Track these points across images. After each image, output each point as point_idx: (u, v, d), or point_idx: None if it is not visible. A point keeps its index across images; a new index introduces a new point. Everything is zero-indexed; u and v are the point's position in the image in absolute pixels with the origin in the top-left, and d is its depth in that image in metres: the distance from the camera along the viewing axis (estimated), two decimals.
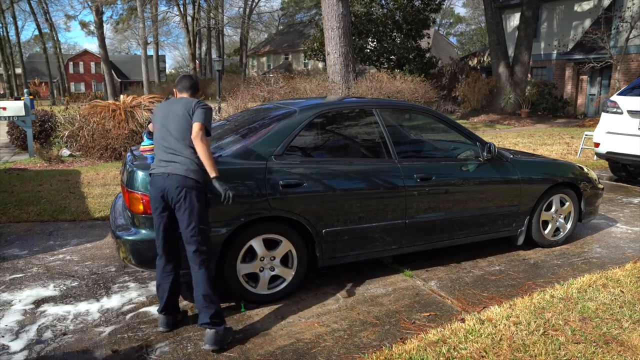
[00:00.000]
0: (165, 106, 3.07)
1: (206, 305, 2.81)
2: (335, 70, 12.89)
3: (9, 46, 42.80)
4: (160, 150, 2.93)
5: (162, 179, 2.85)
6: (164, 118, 2.97)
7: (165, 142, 2.92)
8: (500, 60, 19.65)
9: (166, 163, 2.87)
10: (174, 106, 2.99)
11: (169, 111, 2.98)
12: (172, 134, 2.90)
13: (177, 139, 2.89)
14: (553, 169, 4.61)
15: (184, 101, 2.99)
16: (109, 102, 10.46)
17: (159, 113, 3.06)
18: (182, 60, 66.65)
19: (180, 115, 2.92)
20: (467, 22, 63.38)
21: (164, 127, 2.94)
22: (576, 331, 2.96)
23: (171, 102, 3.06)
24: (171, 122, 2.93)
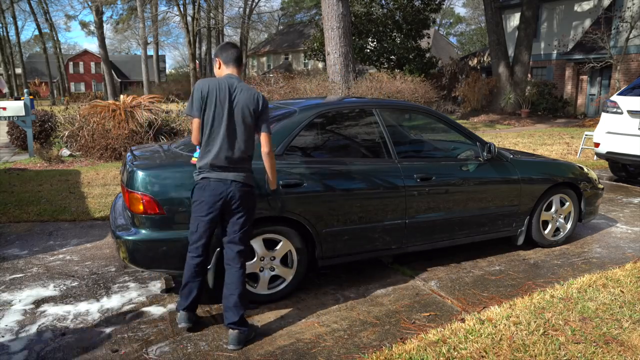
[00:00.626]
0: (222, 89, 2.78)
1: (238, 305, 2.82)
2: (335, 70, 12.89)
3: (9, 46, 42.81)
4: (218, 148, 2.76)
5: (223, 185, 2.77)
6: (224, 108, 2.75)
7: (227, 140, 2.76)
8: (500, 60, 19.65)
9: (227, 169, 2.78)
10: (235, 93, 2.78)
11: (230, 101, 2.76)
12: (238, 136, 2.78)
13: (240, 146, 2.79)
14: (553, 169, 4.61)
15: (246, 90, 2.80)
16: (109, 102, 10.46)
17: (213, 98, 2.77)
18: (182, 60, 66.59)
19: (246, 112, 2.78)
20: (467, 22, 63.40)
21: (224, 121, 2.75)
22: (576, 331, 2.96)
23: (227, 83, 2.79)
24: (237, 118, 2.77)
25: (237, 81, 2.86)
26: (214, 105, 2.77)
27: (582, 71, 19.57)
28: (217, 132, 2.78)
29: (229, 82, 2.82)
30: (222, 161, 2.78)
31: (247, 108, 2.80)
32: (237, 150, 2.80)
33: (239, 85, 2.83)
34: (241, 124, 2.80)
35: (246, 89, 2.83)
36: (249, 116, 2.80)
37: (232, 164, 2.80)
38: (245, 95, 2.80)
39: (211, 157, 2.79)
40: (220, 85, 2.80)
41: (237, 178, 2.79)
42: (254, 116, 2.82)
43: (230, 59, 2.89)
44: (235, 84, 2.83)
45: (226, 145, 2.78)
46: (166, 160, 3.51)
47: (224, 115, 2.77)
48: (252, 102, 2.80)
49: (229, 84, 2.81)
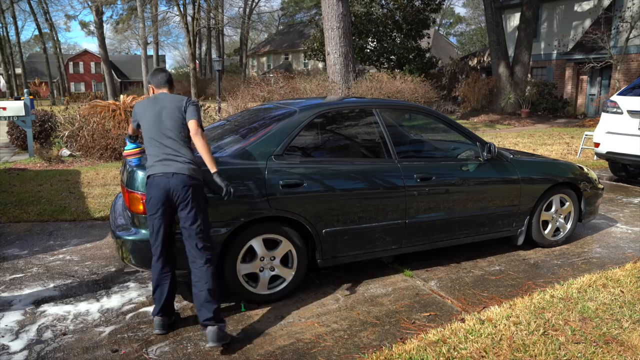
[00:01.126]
0: (151, 104, 2.98)
1: (210, 300, 2.80)
2: (335, 70, 12.90)
3: (9, 46, 42.77)
4: (157, 150, 2.89)
5: (165, 179, 2.81)
6: (154, 117, 2.92)
7: (162, 141, 2.88)
8: (500, 60, 19.65)
9: (167, 162, 2.84)
10: (161, 103, 2.94)
11: (158, 109, 2.93)
12: (168, 133, 2.88)
13: (174, 139, 2.88)
14: (553, 169, 4.61)
15: (171, 98, 2.96)
16: (109, 102, 10.47)
17: (146, 112, 2.98)
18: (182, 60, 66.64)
19: (174, 114, 2.90)
20: (467, 22, 63.40)
21: (156, 127, 2.90)
22: (576, 331, 2.96)
23: (155, 99, 2.99)
24: (165, 121, 2.89)
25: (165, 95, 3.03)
26: (146, 116, 2.96)
27: (582, 71, 19.57)
28: (151, 133, 2.92)
29: (157, 97, 3.02)
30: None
31: (174, 108, 2.92)
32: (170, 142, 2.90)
33: (165, 96, 3.01)
34: (170, 120, 2.90)
35: (172, 96, 3.00)
36: (177, 112, 2.91)
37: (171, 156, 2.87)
38: (170, 99, 2.97)
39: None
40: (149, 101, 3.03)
41: (179, 170, 2.82)
42: (181, 112, 2.92)
43: (161, 82, 3.06)
44: (160, 96, 3.01)
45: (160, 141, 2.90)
46: None
47: (153, 119, 2.94)
48: (177, 101, 2.94)
49: (155, 98, 3.02)
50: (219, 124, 4.41)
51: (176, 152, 2.86)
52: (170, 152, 2.86)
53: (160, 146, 2.89)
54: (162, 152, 2.87)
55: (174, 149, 2.87)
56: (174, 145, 2.87)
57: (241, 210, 3.19)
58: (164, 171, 2.83)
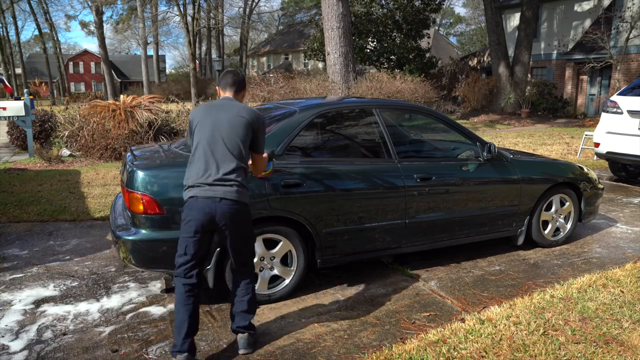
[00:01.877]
0: (213, 111, 2.71)
1: (248, 311, 2.80)
2: (335, 70, 12.90)
3: (9, 46, 42.79)
4: (211, 165, 2.61)
5: (211, 203, 2.56)
6: (215, 125, 2.64)
7: (219, 157, 2.61)
8: (500, 60, 19.65)
9: (215, 186, 2.58)
10: (225, 113, 2.67)
11: (220, 119, 2.65)
12: (229, 149, 2.61)
13: (232, 158, 2.61)
14: (553, 169, 4.61)
15: (238, 109, 2.69)
16: (109, 102, 10.46)
17: (206, 119, 2.68)
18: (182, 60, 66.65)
19: (238, 128, 2.63)
20: (467, 22, 63.40)
21: (214, 139, 2.62)
22: (576, 331, 2.96)
23: (219, 105, 2.72)
24: (226, 133, 2.62)
25: (229, 100, 2.78)
26: (203, 126, 2.70)
27: (582, 71, 19.57)
28: (203, 144, 2.66)
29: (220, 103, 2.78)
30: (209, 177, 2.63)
31: (237, 121, 2.66)
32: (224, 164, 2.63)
33: (230, 103, 2.76)
34: (230, 137, 2.64)
35: (238, 106, 2.75)
36: (242, 128, 2.66)
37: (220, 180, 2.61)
38: (236, 109, 2.71)
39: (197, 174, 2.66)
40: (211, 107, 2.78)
41: (227, 195, 2.59)
42: (248, 129, 2.67)
43: (227, 84, 2.83)
44: (225, 103, 2.76)
45: (213, 160, 2.63)
46: (166, 160, 3.51)
47: (208, 131, 2.67)
48: (243, 114, 2.68)
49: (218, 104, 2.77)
50: None
51: (231, 173, 2.60)
52: (225, 171, 2.60)
53: (216, 162, 2.61)
54: (215, 170, 2.60)
55: (230, 169, 2.60)
56: (230, 166, 2.60)
57: None
58: (211, 195, 2.57)
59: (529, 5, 18.92)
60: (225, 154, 2.62)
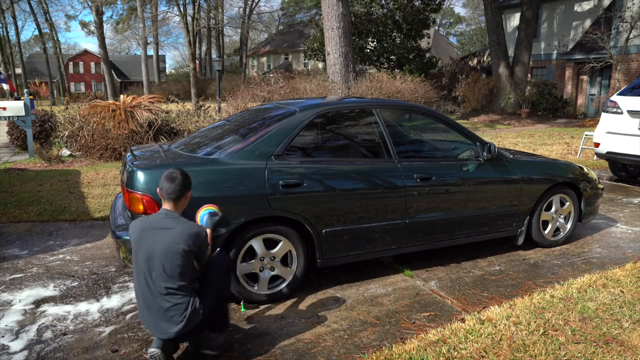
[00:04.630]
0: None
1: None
2: (335, 70, 12.90)
3: (9, 46, 42.78)
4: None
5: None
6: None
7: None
8: (500, 60, 19.65)
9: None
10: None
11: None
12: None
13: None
14: (553, 169, 4.61)
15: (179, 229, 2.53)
16: (109, 102, 10.45)
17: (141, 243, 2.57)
18: (182, 60, 66.67)
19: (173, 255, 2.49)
20: (467, 22, 63.42)
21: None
22: (576, 331, 2.96)
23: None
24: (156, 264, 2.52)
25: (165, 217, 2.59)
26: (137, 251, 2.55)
27: (582, 71, 19.57)
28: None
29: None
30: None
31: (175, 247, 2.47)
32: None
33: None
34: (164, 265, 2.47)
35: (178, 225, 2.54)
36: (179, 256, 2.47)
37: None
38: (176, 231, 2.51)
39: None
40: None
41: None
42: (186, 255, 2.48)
43: (166, 194, 2.61)
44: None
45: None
46: (166, 160, 3.51)
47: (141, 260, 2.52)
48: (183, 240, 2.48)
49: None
50: (219, 124, 4.41)
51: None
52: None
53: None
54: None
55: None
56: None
57: (241, 210, 3.19)
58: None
59: (529, 5, 18.91)
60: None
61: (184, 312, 2.48)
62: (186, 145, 3.86)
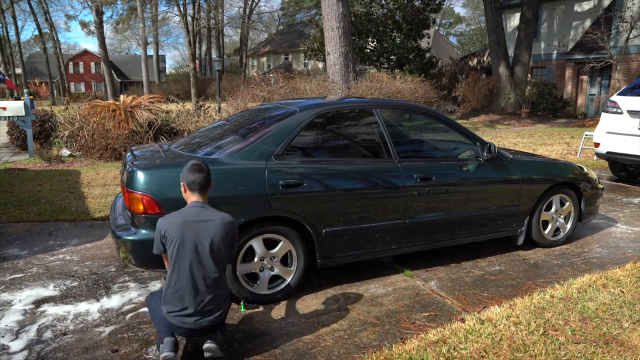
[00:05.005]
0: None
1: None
2: (335, 70, 12.90)
3: (9, 46, 42.78)
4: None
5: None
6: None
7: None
8: (500, 60, 19.65)
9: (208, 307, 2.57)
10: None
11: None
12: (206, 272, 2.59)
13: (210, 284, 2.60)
14: (553, 169, 4.61)
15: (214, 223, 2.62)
16: (109, 102, 10.45)
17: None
18: (182, 60, 66.70)
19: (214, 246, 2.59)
20: (467, 22, 63.44)
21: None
22: (576, 331, 2.96)
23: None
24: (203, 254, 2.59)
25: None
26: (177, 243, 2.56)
27: (582, 71, 19.57)
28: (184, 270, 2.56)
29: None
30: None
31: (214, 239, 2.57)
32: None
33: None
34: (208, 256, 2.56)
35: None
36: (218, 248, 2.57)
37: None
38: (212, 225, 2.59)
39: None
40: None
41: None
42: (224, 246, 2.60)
43: (196, 185, 2.66)
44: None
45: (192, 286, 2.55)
46: (166, 160, 3.51)
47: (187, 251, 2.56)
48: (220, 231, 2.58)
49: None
50: (219, 124, 4.41)
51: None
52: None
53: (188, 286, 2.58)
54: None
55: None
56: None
57: (241, 210, 3.19)
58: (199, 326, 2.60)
59: (529, 6, 18.92)
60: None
61: (225, 299, 2.66)
62: (186, 145, 3.86)
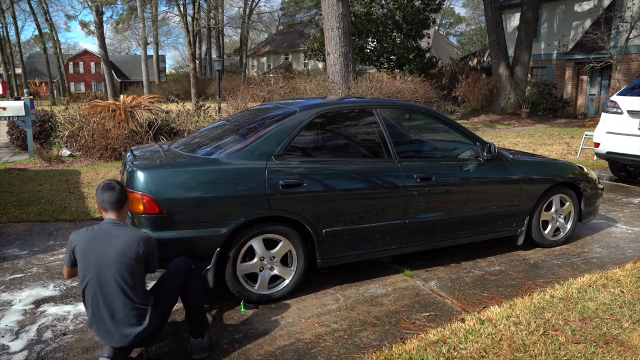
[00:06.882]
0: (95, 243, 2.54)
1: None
2: (335, 70, 12.89)
3: (9, 46, 42.76)
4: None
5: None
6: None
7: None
8: (500, 60, 19.64)
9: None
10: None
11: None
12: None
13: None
14: (553, 169, 4.61)
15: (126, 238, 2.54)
16: (109, 102, 10.46)
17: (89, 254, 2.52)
18: (182, 60, 66.72)
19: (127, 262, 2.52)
20: (467, 22, 63.45)
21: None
22: (576, 331, 2.96)
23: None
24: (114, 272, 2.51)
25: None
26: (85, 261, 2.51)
27: (582, 71, 19.57)
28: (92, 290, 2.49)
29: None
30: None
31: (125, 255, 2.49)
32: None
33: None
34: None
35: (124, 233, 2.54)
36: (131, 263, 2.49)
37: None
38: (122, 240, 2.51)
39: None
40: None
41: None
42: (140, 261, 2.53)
43: (108, 204, 2.60)
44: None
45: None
46: (166, 160, 3.51)
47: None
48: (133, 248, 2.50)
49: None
50: (219, 124, 4.41)
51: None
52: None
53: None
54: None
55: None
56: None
57: (241, 210, 3.19)
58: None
59: (529, 6, 18.91)
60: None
61: (140, 317, 2.50)
62: (186, 145, 3.86)
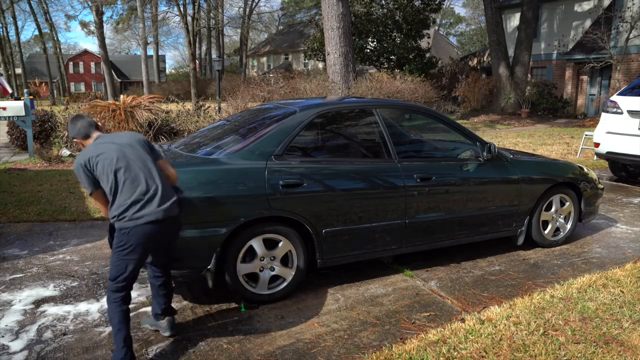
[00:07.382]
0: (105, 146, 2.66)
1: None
2: (335, 70, 12.89)
3: (9, 46, 42.75)
4: (150, 184, 2.62)
5: (165, 225, 2.63)
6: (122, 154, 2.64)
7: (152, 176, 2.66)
8: (500, 60, 19.64)
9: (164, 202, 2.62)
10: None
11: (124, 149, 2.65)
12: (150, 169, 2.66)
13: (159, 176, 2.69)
14: (553, 169, 4.61)
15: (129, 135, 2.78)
16: (109, 102, 10.45)
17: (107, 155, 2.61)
18: (182, 60, 66.71)
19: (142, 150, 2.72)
20: (467, 22, 63.43)
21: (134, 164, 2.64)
22: (576, 331, 2.96)
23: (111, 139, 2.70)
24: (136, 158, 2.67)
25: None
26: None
27: (582, 71, 19.57)
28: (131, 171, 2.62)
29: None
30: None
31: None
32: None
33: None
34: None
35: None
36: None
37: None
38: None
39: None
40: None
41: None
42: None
43: (88, 128, 2.72)
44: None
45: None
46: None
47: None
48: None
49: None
50: (219, 124, 4.41)
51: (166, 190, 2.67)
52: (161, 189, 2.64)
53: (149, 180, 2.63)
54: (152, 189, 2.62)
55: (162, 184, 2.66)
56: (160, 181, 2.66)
57: (241, 210, 3.19)
58: (163, 217, 2.61)
59: (529, 6, 18.91)
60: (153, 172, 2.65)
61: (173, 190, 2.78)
62: (186, 145, 3.86)
